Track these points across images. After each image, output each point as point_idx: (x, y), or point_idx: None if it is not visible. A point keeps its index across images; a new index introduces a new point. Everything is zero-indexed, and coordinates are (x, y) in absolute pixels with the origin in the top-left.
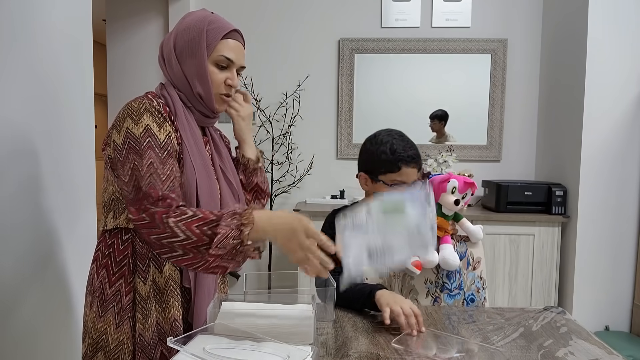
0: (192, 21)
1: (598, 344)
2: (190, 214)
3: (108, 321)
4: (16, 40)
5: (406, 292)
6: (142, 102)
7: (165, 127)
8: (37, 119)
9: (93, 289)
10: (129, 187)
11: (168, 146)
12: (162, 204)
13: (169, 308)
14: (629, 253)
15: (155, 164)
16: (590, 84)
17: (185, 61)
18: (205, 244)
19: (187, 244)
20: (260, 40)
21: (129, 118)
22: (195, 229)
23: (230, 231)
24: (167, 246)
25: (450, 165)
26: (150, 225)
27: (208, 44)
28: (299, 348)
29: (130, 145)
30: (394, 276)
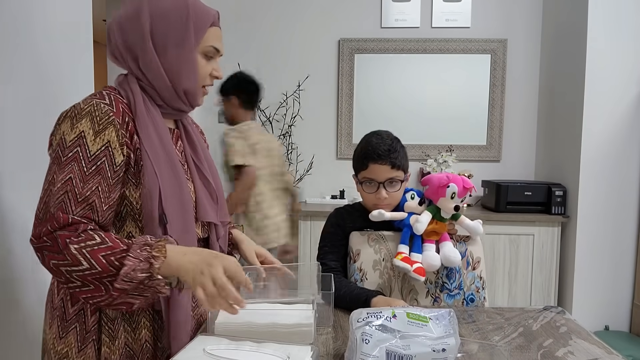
0: (170, 4)
1: (598, 344)
2: (97, 240)
3: (69, 343)
4: (17, 40)
5: (406, 292)
6: (90, 102)
7: (103, 135)
8: (37, 119)
9: (53, 306)
10: (40, 203)
11: (99, 160)
12: (68, 228)
13: (139, 329)
14: (629, 253)
15: (74, 181)
16: (590, 84)
17: (165, 52)
18: (110, 276)
19: (89, 274)
20: (260, 40)
21: (68, 120)
22: (101, 258)
23: (139, 263)
24: (66, 275)
25: (450, 165)
26: (52, 249)
27: (196, 32)
28: (299, 348)
29: (57, 155)
30: (394, 276)
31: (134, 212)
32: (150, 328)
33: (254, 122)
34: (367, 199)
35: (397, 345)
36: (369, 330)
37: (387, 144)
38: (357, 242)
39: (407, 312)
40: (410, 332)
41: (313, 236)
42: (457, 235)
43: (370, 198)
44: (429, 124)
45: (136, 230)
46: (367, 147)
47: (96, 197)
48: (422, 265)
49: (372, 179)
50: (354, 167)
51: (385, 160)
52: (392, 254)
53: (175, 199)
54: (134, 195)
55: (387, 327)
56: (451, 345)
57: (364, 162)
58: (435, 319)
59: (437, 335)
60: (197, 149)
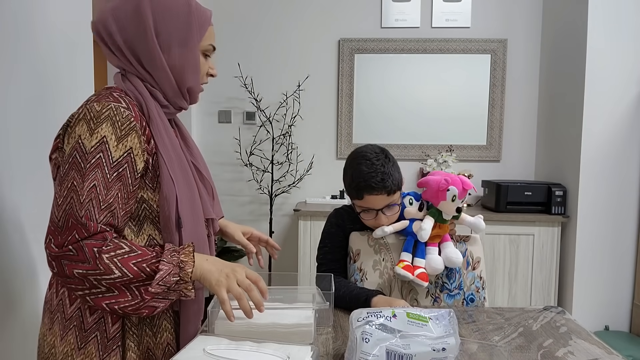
0: (170, 2)
1: (598, 344)
2: (126, 249)
3: (90, 353)
4: (17, 40)
5: (406, 293)
6: (107, 105)
7: (126, 142)
8: (37, 119)
9: (65, 316)
10: (59, 211)
11: (122, 166)
12: (94, 237)
13: (161, 332)
14: (629, 253)
15: (98, 189)
16: (590, 84)
17: (170, 50)
18: (141, 281)
19: (119, 281)
20: (260, 40)
21: (85, 123)
22: (132, 265)
23: (172, 267)
24: (92, 282)
25: (450, 165)
26: (77, 258)
27: (199, 31)
28: (299, 348)
29: (74, 160)
30: (394, 276)
31: (152, 215)
32: (171, 330)
33: None
34: (368, 223)
35: (397, 345)
36: (369, 329)
37: (379, 171)
38: (357, 242)
39: (407, 312)
40: (410, 331)
41: (313, 236)
42: (457, 235)
43: (371, 223)
44: (429, 124)
45: (155, 232)
46: (359, 178)
47: (117, 203)
48: (426, 270)
49: (370, 208)
50: (348, 194)
51: (380, 191)
52: (392, 255)
53: (188, 202)
54: (153, 199)
55: (387, 327)
56: (451, 344)
57: (359, 193)
58: (435, 319)
59: (437, 335)
60: (190, 145)
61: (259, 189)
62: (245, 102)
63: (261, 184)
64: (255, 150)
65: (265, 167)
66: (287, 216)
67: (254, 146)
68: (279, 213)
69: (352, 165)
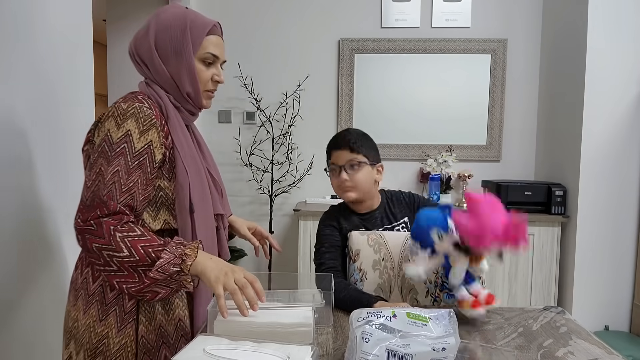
0: (172, 19)
1: (598, 344)
2: (138, 232)
3: (109, 325)
4: (17, 40)
5: (406, 292)
6: (132, 105)
7: (147, 135)
8: (37, 119)
9: (88, 292)
10: (87, 192)
11: (142, 156)
12: (114, 216)
13: (173, 309)
14: (629, 253)
15: (120, 173)
16: (590, 84)
17: (169, 61)
18: (146, 265)
19: (127, 261)
20: (260, 40)
21: (113, 119)
22: (140, 248)
23: (173, 258)
24: (106, 258)
25: (450, 165)
26: (96, 233)
27: (193, 42)
28: (299, 348)
29: (103, 149)
30: (393, 276)
31: (168, 202)
32: (183, 308)
33: None
34: (334, 185)
35: (397, 345)
36: (369, 329)
37: (348, 133)
38: (356, 242)
39: (407, 312)
40: (410, 331)
41: (313, 236)
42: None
43: (335, 183)
44: (429, 123)
45: (170, 217)
46: (331, 139)
47: (136, 188)
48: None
49: (334, 163)
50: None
51: (344, 146)
52: (391, 254)
53: (199, 192)
54: (169, 187)
55: (387, 327)
56: (451, 344)
57: (328, 151)
58: (435, 319)
59: (437, 334)
60: (204, 150)
61: (259, 189)
62: (245, 102)
63: (261, 184)
64: (255, 150)
65: (265, 167)
66: (287, 216)
67: (254, 146)
68: (279, 213)
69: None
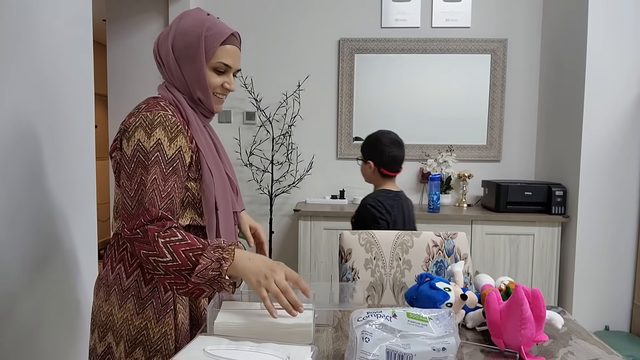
0: (190, 25)
1: (598, 344)
2: (179, 237)
3: (148, 317)
4: (16, 40)
5: (397, 291)
6: (157, 113)
7: (176, 142)
8: (37, 119)
9: (122, 288)
10: (132, 201)
11: (175, 162)
12: (157, 223)
13: (199, 299)
14: (629, 253)
15: (158, 180)
16: (590, 84)
17: (184, 65)
18: (188, 269)
19: (171, 265)
20: (261, 40)
21: (142, 130)
22: (181, 253)
23: (211, 263)
24: (153, 264)
25: (450, 165)
26: (143, 240)
27: (207, 50)
28: (299, 348)
29: (139, 159)
30: (385, 274)
31: (194, 202)
32: (207, 298)
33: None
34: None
35: (397, 344)
36: (369, 328)
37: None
38: (348, 241)
39: (407, 312)
40: (411, 331)
41: (313, 236)
42: (445, 232)
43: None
44: (429, 123)
45: (195, 215)
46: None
47: (174, 192)
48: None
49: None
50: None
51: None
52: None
53: (221, 191)
54: (195, 188)
55: (387, 327)
56: (451, 344)
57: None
58: (435, 319)
59: (437, 334)
60: (220, 152)
61: (259, 189)
62: (245, 102)
63: (261, 184)
64: (255, 150)
65: (265, 167)
66: (287, 216)
67: (254, 146)
68: (279, 213)
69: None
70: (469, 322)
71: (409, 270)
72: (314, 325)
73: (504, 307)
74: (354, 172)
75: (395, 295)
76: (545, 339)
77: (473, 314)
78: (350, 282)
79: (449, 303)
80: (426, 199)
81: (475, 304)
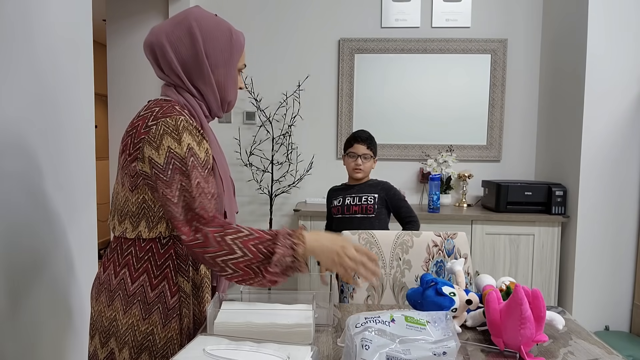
0: (215, 29)
1: (598, 344)
2: (246, 232)
3: (154, 322)
4: (16, 40)
5: (397, 290)
6: (178, 118)
7: (203, 145)
8: (37, 119)
9: (127, 293)
10: (177, 208)
11: (208, 164)
12: (212, 224)
13: (203, 302)
14: (629, 253)
15: (201, 184)
16: (590, 84)
17: (217, 69)
18: (260, 262)
19: (242, 261)
20: (261, 40)
21: (169, 136)
22: (252, 247)
23: (286, 250)
24: (221, 264)
25: (450, 165)
26: (205, 244)
27: (237, 54)
28: (299, 348)
29: (175, 166)
30: (385, 274)
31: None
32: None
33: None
34: (349, 166)
35: (397, 350)
36: (369, 335)
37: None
38: None
39: (405, 316)
40: (409, 336)
41: None
42: (445, 232)
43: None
44: (429, 124)
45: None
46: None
47: (216, 193)
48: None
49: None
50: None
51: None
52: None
53: (228, 197)
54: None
55: (385, 332)
56: (452, 347)
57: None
58: (433, 322)
59: (435, 338)
60: (217, 149)
61: (259, 189)
62: (245, 102)
63: (261, 184)
64: (255, 150)
65: (265, 167)
66: (287, 216)
67: (254, 146)
68: (279, 213)
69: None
70: (469, 321)
71: (409, 270)
72: (314, 325)
73: (503, 307)
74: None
75: (395, 295)
76: (545, 339)
77: (473, 314)
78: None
79: (454, 309)
80: (426, 199)
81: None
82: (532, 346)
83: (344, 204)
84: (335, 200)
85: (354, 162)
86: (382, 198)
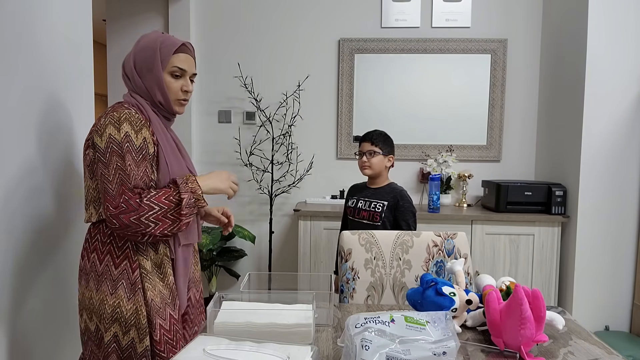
0: (147, 42)
1: (598, 344)
2: (153, 192)
3: (120, 296)
4: (17, 40)
5: (397, 290)
6: (122, 112)
7: (141, 134)
8: (37, 119)
9: (97, 274)
10: (112, 185)
11: (143, 150)
12: (132, 192)
13: (167, 276)
14: (629, 253)
15: (131, 166)
16: (590, 84)
17: (144, 75)
18: (173, 209)
19: (160, 213)
20: (261, 40)
21: (111, 125)
22: (164, 200)
23: (190, 194)
24: (144, 222)
25: (450, 165)
26: (128, 209)
27: (162, 59)
28: (299, 348)
29: (113, 149)
30: (385, 274)
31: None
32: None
33: None
34: (359, 164)
35: (397, 351)
36: (369, 336)
37: (373, 132)
38: (348, 241)
39: (405, 316)
40: (409, 336)
41: (313, 236)
42: (445, 232)
43: (359, 163)
44: (429, 124)
45: None
46: (364, 134)
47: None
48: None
49: (361, 150)
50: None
51: (367, 140)
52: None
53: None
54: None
55: (385, 332)
56: (452, 347)
57: (360, 142)
58: (432, 322)
59: (435, 338)
60: (182, 149)
61: (259, 189)
62: (245, 102)
63: (261, 184)
64: (255, 150)
65: (265, 167)
66: (287, 216)
67: (254, 146)
68: (279, 213)
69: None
70: (469, 322)
71: (409, 270)
72: (314, 325)
73: (503, 307)
74: (354, 172)
75: (395, 296)
76: (545, 339)
77: (473, 314)
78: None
79: (454, 309)
80: (426, 199)
81: (477, 304)
82: (532, 346)
83: (356, 206)
84: (350, 201)
85: (360, 160)
86: (390, 207)
